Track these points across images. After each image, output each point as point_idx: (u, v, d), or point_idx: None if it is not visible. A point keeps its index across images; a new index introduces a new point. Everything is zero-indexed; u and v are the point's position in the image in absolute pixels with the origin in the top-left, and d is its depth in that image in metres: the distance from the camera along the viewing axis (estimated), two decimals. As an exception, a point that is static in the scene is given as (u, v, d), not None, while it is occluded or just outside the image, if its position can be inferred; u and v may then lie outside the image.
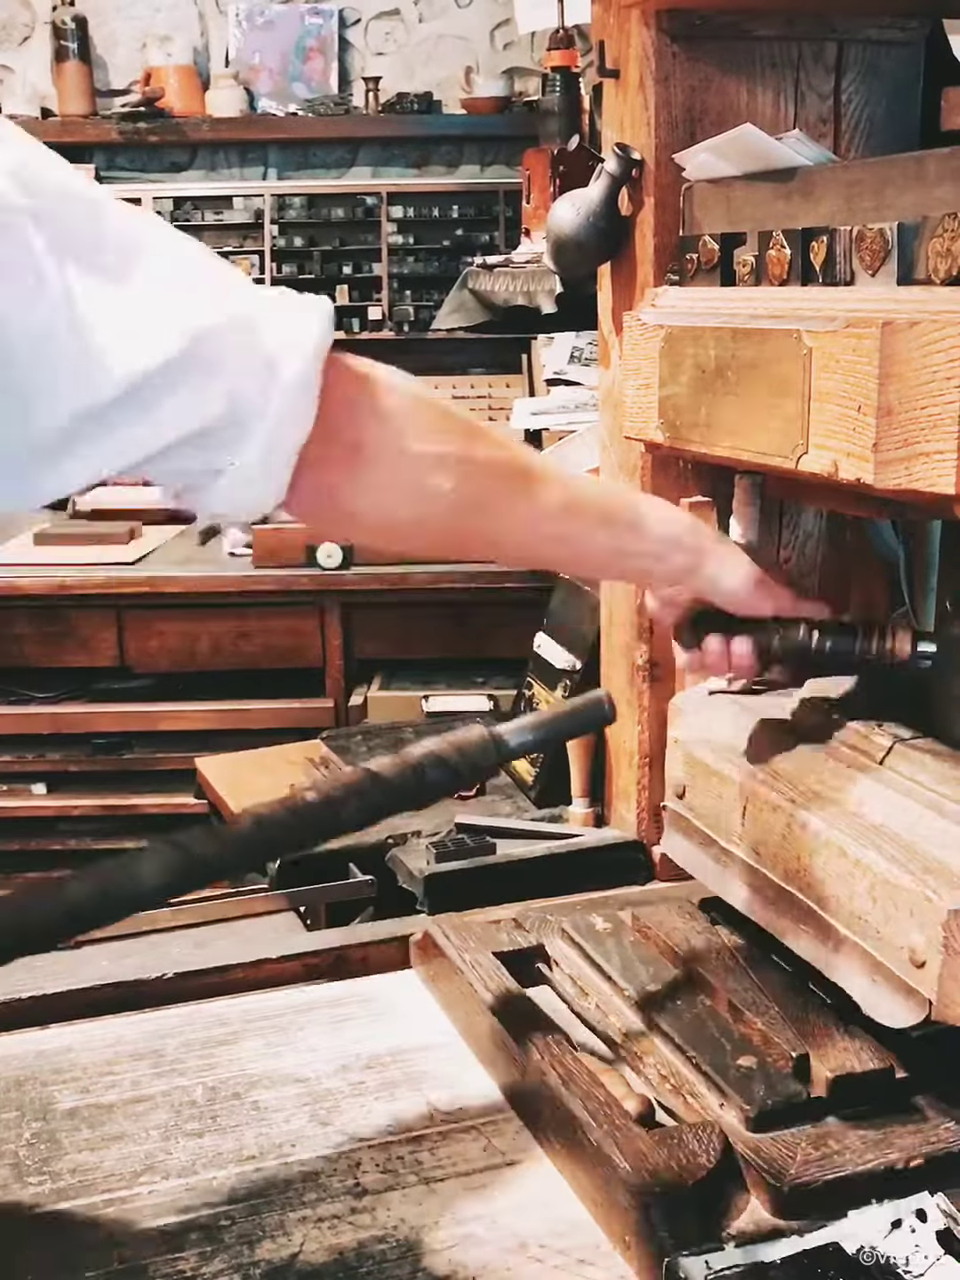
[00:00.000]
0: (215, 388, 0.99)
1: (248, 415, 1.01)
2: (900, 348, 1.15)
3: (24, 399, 0.91)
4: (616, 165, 1.77)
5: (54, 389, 0.92)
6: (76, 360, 0.92)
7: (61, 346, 0.91)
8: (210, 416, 0.99)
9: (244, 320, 1.01)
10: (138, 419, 0.96)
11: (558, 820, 2.16)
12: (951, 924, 1.22)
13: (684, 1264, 1.08)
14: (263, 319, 1.02)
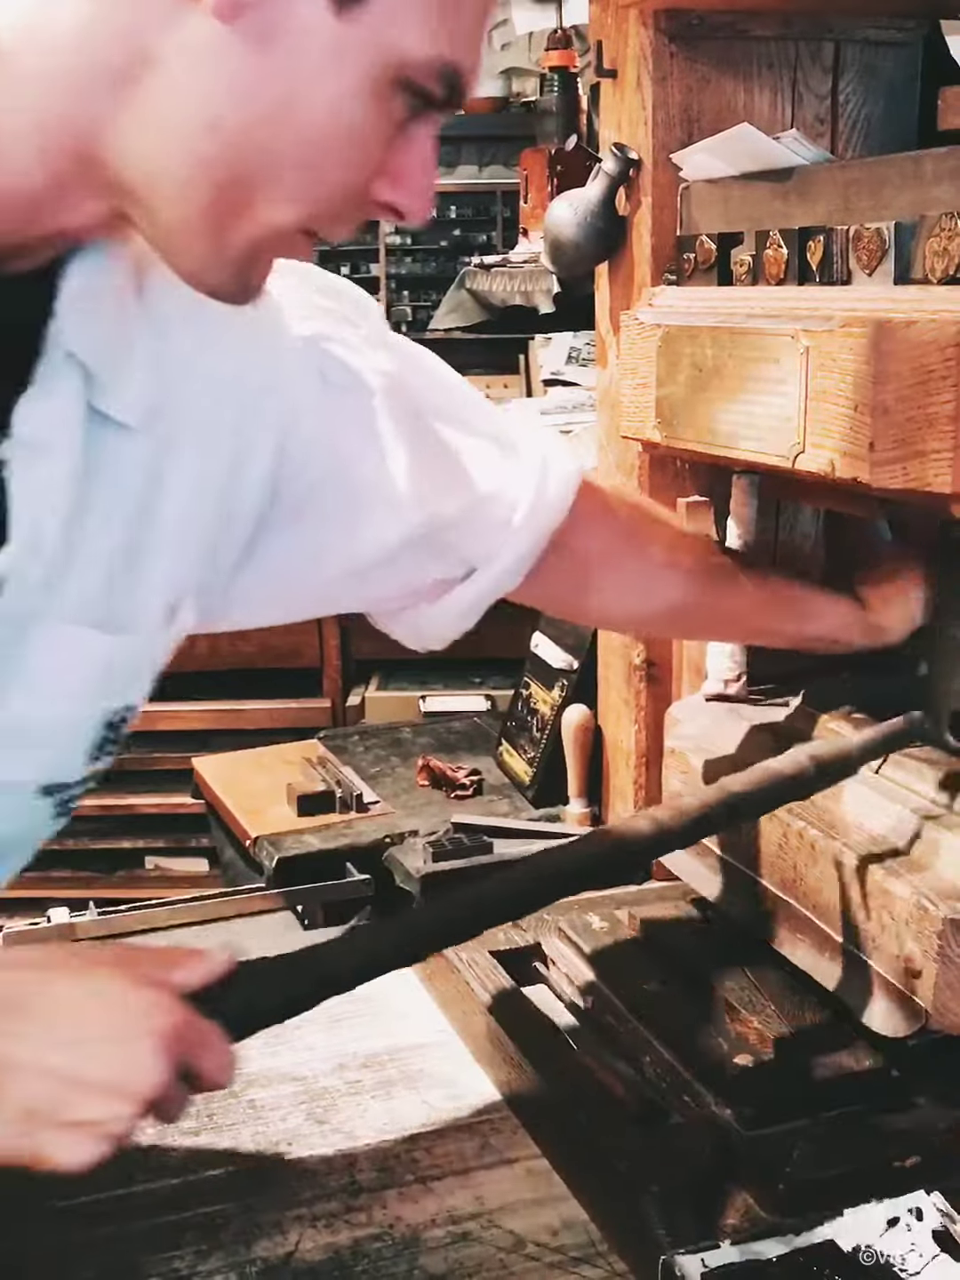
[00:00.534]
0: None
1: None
2: (896, 347, 1.15)
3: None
4: (614, 165, 1.77)
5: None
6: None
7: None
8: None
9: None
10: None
11: (555, 820, 2.16)
12: (947, 933, 1.22)
13: (680, 1262, 1.08)
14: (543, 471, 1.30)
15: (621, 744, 2.03)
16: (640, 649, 1.95)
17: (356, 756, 2.47)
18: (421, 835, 2.08)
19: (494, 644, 3.59)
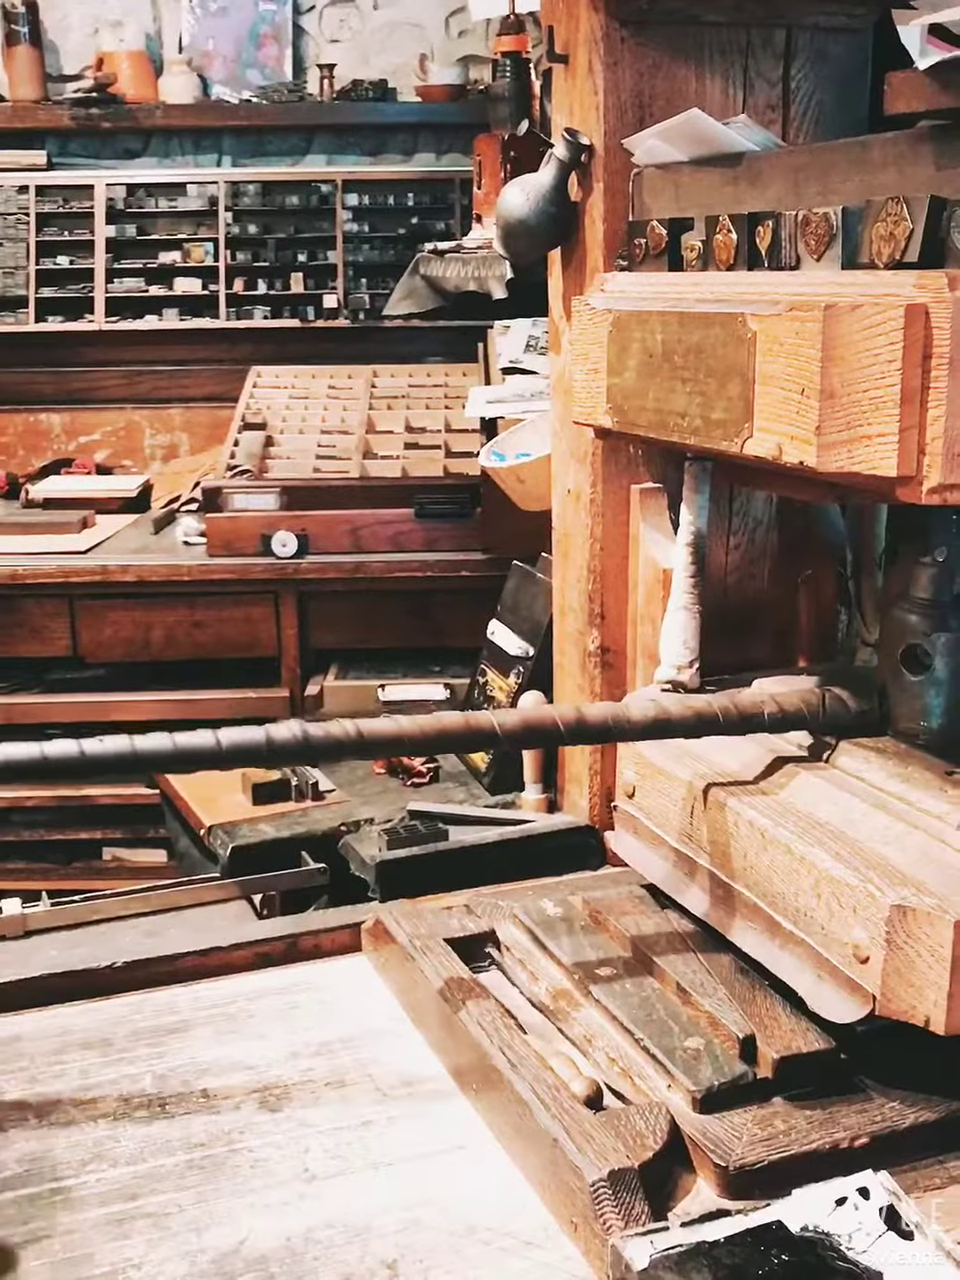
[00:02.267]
0: None
1: None
2: (842, 331, 1.15)
3: None
4: (566, 150, 1.77)
5: None
6: None
7: None
8: None
9: None
10: None
11: (511, 806, 2.16)
12: (894, 919, 1.23)
13: (629, 1245, 1.09)
14: None
15: (577, 731, 2.03)
16: (595, 635, 1.95)
17: (313, 745, 2.46)
18: (377, 823, 2.07)
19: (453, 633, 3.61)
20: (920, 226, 1.18)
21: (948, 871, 1.27)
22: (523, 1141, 1.32)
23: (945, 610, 1.43)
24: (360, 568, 3.67)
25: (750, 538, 1.97)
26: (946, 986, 1.20)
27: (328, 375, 4.52)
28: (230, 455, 3.96)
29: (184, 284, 4.83)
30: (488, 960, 1.68)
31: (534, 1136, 1.29)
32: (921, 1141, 1.30)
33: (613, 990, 1.51)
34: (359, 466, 3.92)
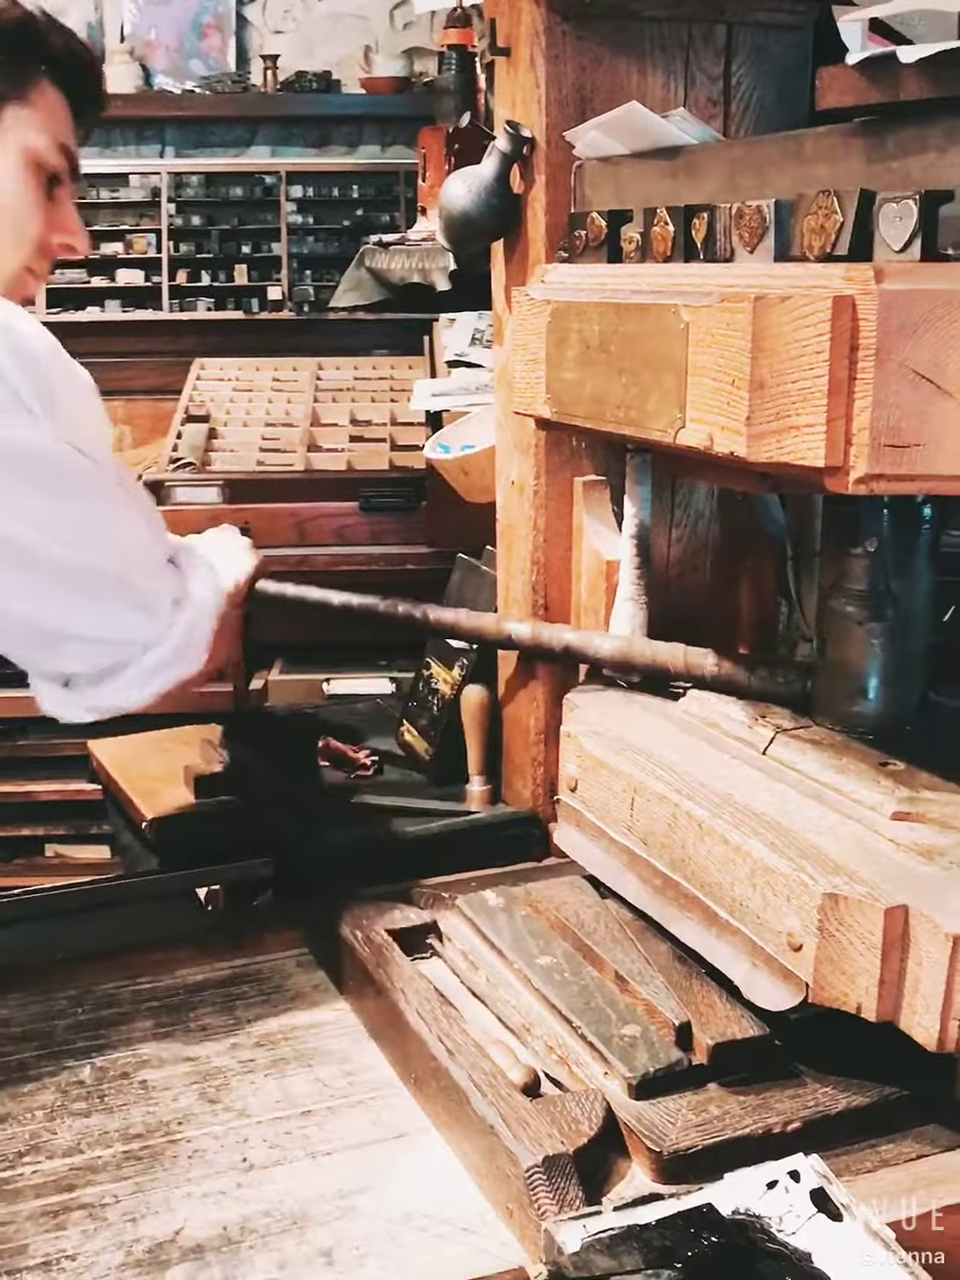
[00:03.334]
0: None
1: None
2: (772, 322, 1.16)
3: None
4: (508, 143, 1.77)
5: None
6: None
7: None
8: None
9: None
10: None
11: (454, 798, 2.16)
12: (826, 907, 1.24)
13: (561, 1229, 1.09)
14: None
15: (520, 722, 2.04)
16: (537, 627, 1.95)
17: (256, 738, 2.45)
18: (320, 816, 2.07)
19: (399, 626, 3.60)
20: (850, 219, 1.20)
21: (880, 860, 1.29)
22: (460, 1129, 1.33)
23: (878, 600, 1.45)
24: (305, 561, 3.65)
25: (692, 530, 1.98)
26: (877, 973, 1.22)
27: (272, 368, 4.51)
28: (173, 448, 3.94)
29: (126, 275, 4.82)
30: (429, 951, 1.68)
31: (471, 1124, 1.29)
32: (854, 1126, 1.31)
33: (552, 979, 1.52)
34: (303, 459, 3.91)
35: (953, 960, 1.16)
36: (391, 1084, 1.47)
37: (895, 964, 1.21)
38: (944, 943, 1.17)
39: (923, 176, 1.19)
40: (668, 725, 1.65)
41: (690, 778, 1.49)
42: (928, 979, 1.19)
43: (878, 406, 1.09)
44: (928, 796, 1.37)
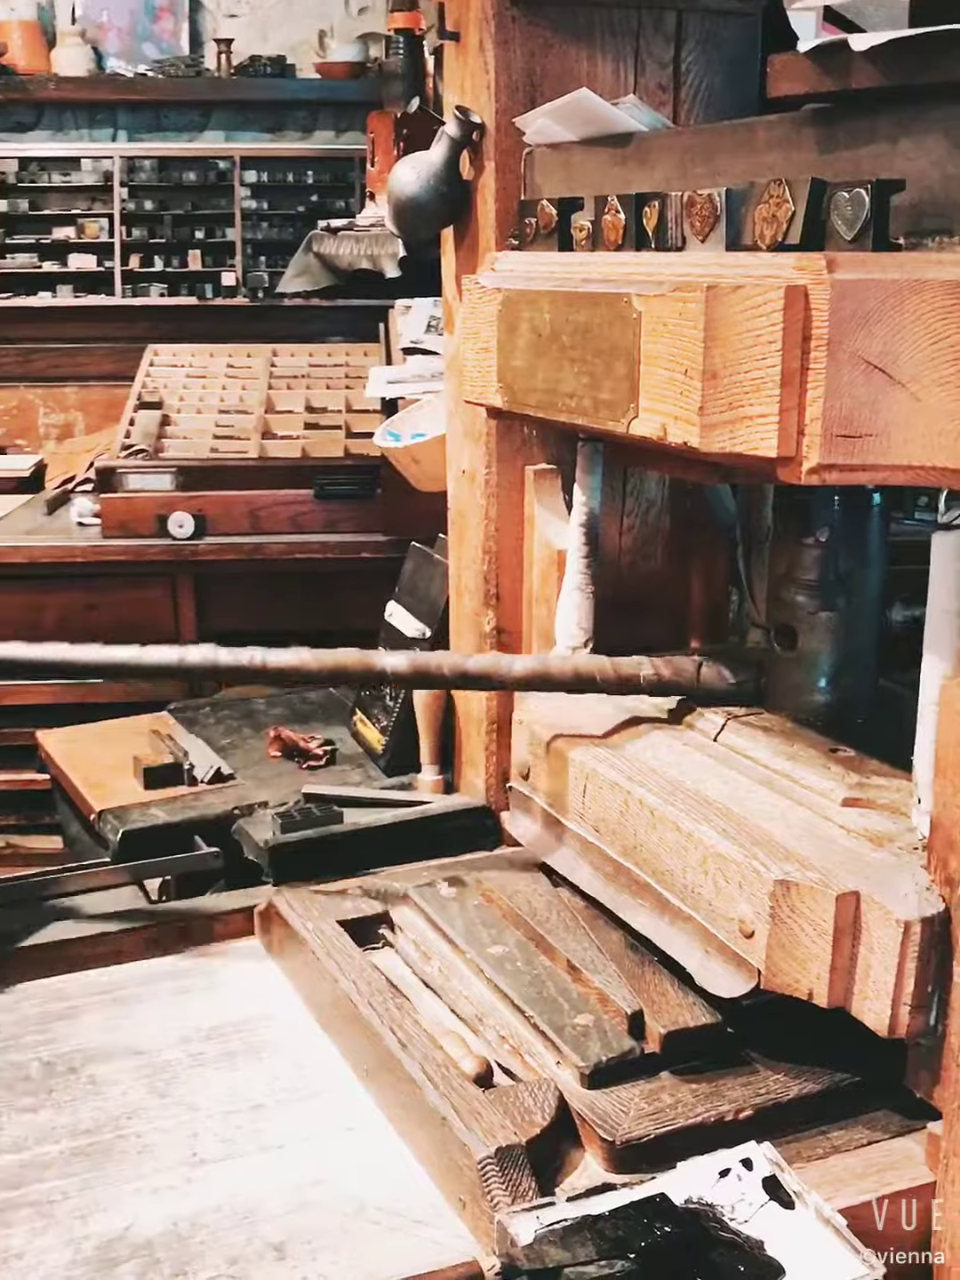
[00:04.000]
0: None
1: None
2: (724, 312, 1.16)
3: None
4: (457, 128, 1.76)
5: None
6: None
7: None
8: None
9: None
10: None
11: (407, 788, 2.15)
12: (778, 894, 1.24)
13: (514, 1220, 1.09)
14: None
15: (473, 712, 2.04)
16: (491, 616, 1.95)
17: (208, 728, 2.44)
18: (271, 807, 2.06)
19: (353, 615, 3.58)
20: (801, 209, 1.19)
21: (831, 847, 1.29)
22: (413, 1120, 1.32)
23: (829, 590, 1.45)
24: (259, 549, 3.63)
25: (643, 519, 1.98)
26: (829, 959, 1.22)
27: (226, 354, 4.47)
28: (126, 434, 3.90)
29: (79, 260, 4.77)
30: (381, 941, 1.68)
31: (424, 1115, 1.29)
32: (805, 1113, 1.32)
33: (504, 969, 1.52)
34: (258, 447, 3.88)
35: (903, 946, 1.17)
36: (342, 1076, 1.46)
37: (846, 950, 1.22)
38: (895, 928, 1.17)
39: (874, 165, 1.19)
40: (619, 713, 1.65)
41: (642, 764, 1.49)
42: (879, 965, 1.19)
43: (830, 396, 1.09)
44: (877, 783, 1.37)
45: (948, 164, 1.13)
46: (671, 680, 1.59)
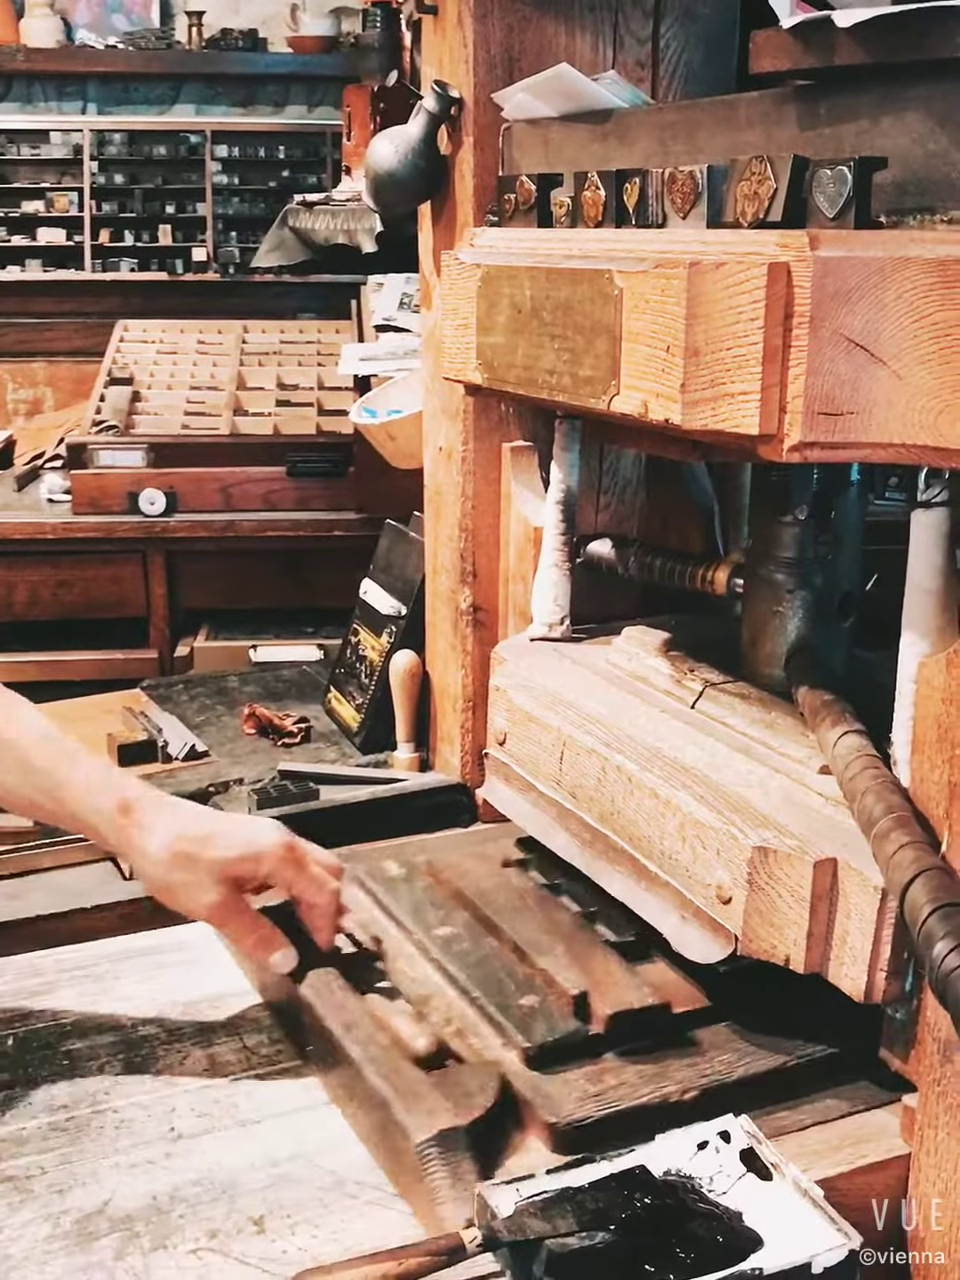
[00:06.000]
0: None
1: None
2: (707, 288, 1.15)
3: None
4: (435, 103, 1.75)
5: None
6: None
7: None
8: None
9: None
10: None
11: (383, 766, 2.16)
12: (755, 860, 1.25)
13: (494, 1193, 1.10)
14: None
15: (449, 689, 2.04)
16: (467, 594, 1.95)
17: (181, 705, 2.44)
18: (246, 784, 2.05)
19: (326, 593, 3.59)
20: (783, 186, 1.19)
21: (808, 814, 1.30)
22: (355, 1103, 1.31)
23: (807, 568, 1.46)
24: (231, 526, 3.62)
25: (620, 497, 1.98)
26: (806, 926, 1.23)
27: (197, 330, 4.45)
28: (96, 411, 3.88)
29: (48, 234, 4.73)
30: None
31: (366, 1098, 1.28)
32: (751, 1094, 1.30)
33: (450, 949, 1.51)
34: (229, 423, 3.87)
35: (880, 912, 1.18)
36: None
37: (824, 916, 1.23)
38: (872, 895, 1.18)
39: (856, 143, 1.19)
40: (596, 679, 1.65)
41: (619, 731, 1.50)
42: (856, 931, 1.20)
43: (811, 374, 1.09)
44: (854, 754, 1.37)
45: (930, 141, 1.13)
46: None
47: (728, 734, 1.47)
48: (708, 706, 1.53)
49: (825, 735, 1.34)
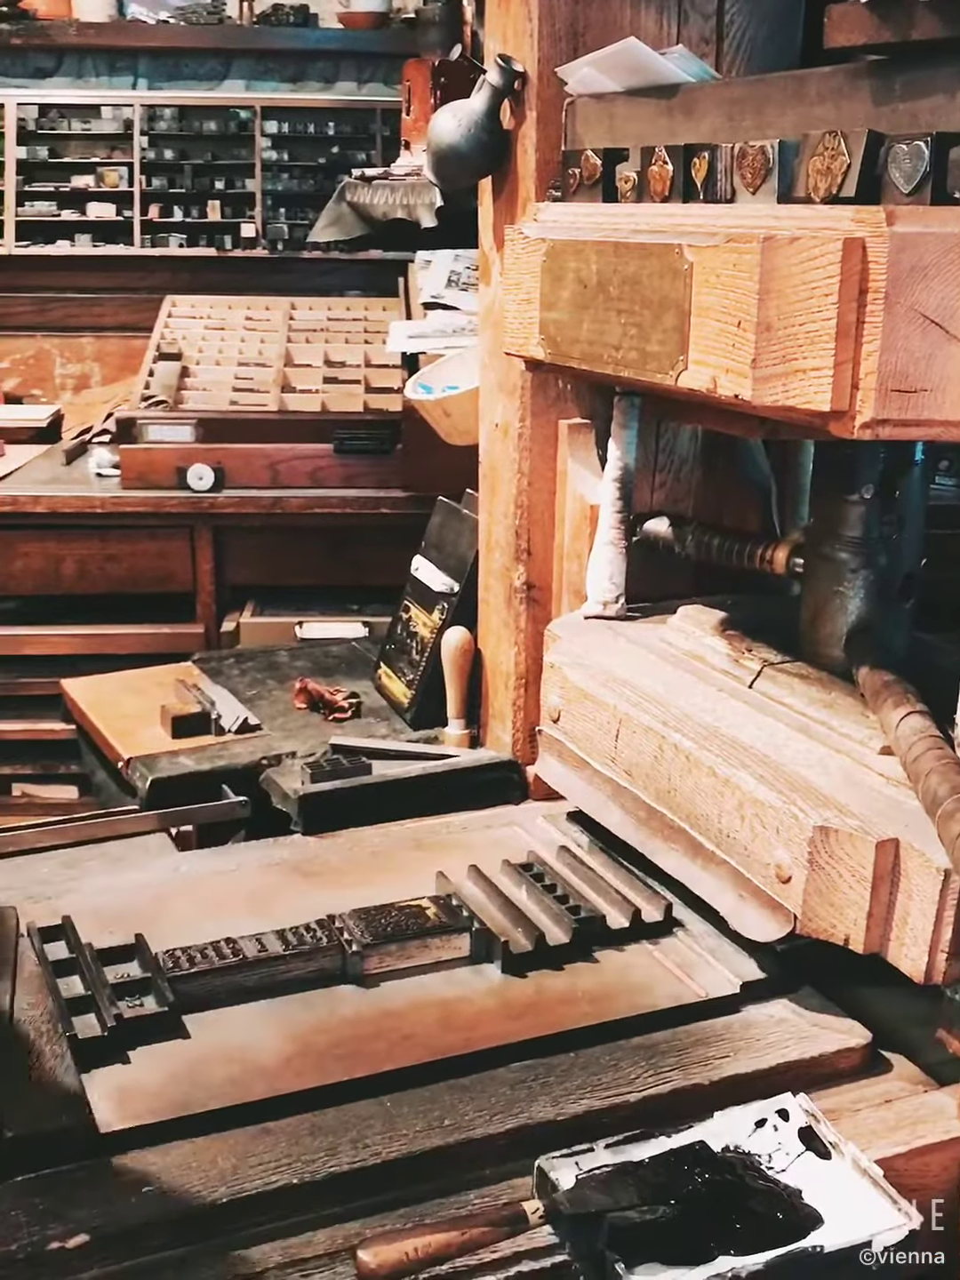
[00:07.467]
0: None
1: None
2: (781, 264, 1.15)
3: None
4: (499, 77, 1.74)
5: None
6: None
7: None
8: None
9: None
10: None
11: (433, 742, 2.16)
12: (816, 839, 1.25)
13: (555, 1166, 1.10)
14: None
15: (501, 666, 2.04)
16: (521, 571, 1.95)
17: (232, 679, 2.45)
18: (300, 757, 2.06)
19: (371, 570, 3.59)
20: (857, 161, 1.18)
21: (870, 794, 1.29)
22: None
23: (872, 547, 1.45)
24: (278, 503, 3.62)
25: (675, 475, 1.98)
26: (867, 906, 1.23)
27: (245, 306, 4.44)
28: (145, 385, 3.89)
29: (97, 209, 4.73)
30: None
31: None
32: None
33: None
34: (277, 400, 3.87)
35: (943, 893, 1.18)
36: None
37: (884, 897, 1.23)
38: (935, 876, 1.18)
39: (931, 119, 1.18)
40: (651, 658, 1.65)
41: (677, 710, 1.49)
42: (917, 912, 1.20)
43: (885, 350, 1.09)
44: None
45: (1009, 117, 1.12)
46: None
47: (786, 713, 1.47)
48: (766, 686, 1.52)
49: (888, 716, 1.33)
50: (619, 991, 1.42)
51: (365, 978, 1.44)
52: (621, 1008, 1.38)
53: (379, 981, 1.44)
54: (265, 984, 1.41)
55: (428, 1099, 1.25)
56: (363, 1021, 1.37)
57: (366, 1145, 1.18)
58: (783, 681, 1.50)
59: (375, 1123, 1.21)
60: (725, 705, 1.49)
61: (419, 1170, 1.17)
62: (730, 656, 1.59)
